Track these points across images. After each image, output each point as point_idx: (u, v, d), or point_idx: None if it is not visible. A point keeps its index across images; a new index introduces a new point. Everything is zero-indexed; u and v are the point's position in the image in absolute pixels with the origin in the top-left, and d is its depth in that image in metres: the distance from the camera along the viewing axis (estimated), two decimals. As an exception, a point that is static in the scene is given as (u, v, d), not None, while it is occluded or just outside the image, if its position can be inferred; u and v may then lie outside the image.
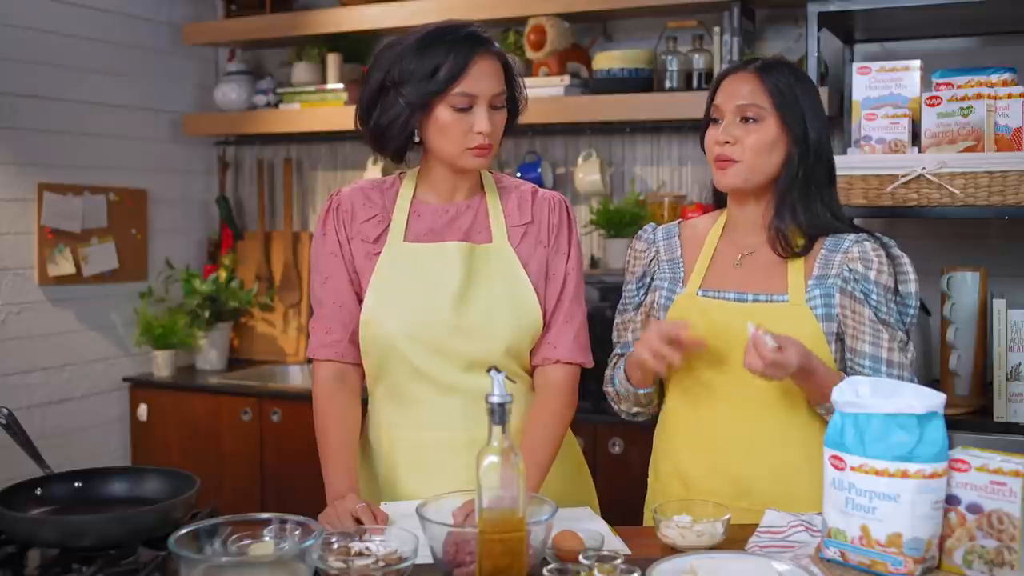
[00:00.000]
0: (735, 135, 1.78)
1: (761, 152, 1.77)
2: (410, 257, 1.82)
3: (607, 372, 1.95)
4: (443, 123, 1.74)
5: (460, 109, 1.73)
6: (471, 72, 1.72)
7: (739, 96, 1.78)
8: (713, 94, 1.84)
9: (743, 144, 1.77)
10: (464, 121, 1.74)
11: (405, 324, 1.78)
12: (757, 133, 1.77)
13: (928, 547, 1.38)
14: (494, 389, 1.34)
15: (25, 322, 3.42)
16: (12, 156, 3.37)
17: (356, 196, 1.87)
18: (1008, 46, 2.98)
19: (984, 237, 3.02)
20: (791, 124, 1.76)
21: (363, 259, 1.84)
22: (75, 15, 3.58)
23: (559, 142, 3.65)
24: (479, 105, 1.73)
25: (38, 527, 1.52)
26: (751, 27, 3.23)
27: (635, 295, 1.94)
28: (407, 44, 1.75)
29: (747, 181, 1.79)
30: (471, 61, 1.72)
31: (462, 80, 1.72)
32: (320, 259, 1.86)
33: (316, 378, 1.86)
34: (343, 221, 1.85)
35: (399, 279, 1.81)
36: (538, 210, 1.87)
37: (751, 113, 1.77)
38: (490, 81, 1.74)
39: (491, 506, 1.32)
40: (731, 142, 1.78)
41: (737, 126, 1.78)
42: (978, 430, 2.50)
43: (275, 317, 4.06)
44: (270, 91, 3.90)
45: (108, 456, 3.70)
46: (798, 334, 1.73)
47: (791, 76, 1.79)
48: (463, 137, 1.74)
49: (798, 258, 1.79)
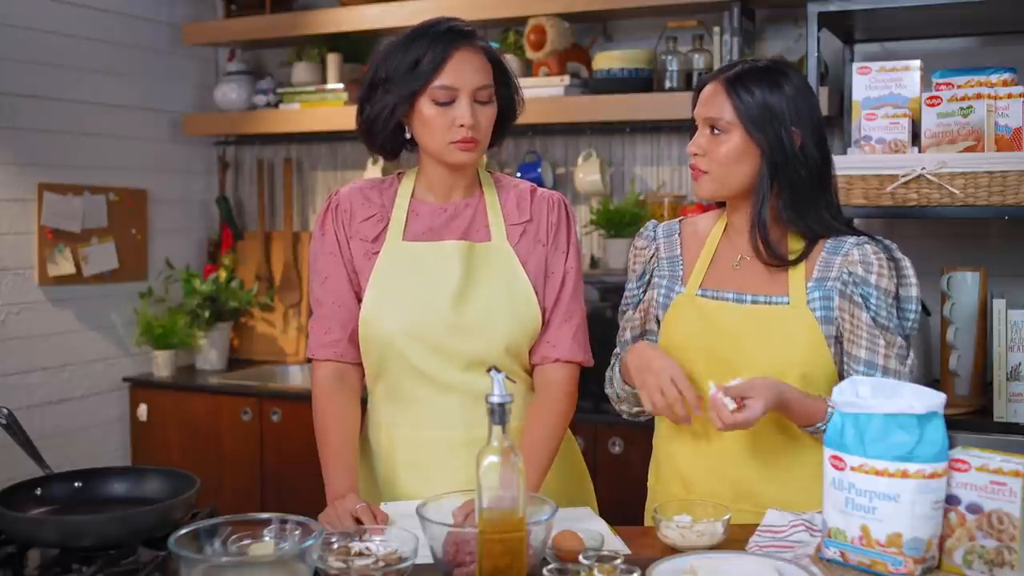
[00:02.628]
0: (703, 146, 1.77)
1: (727, 163, 1.75)
2: (409, 256, 1.82)
3: (607, 373, 1.95)
4: (426, 117, 1.75)
5: (442, 103, 1.74)
6: (450, 64, 1.73)
7: (708, 107, 1.77)
8: (694, 101, 1.83)
9: (711, 155, 1.76)
10: (447, 115, 1.75)
11: (404, 323, 1.78)
12: (724, 144, 1.75)
13: (928, 547, 1.38)
14: (494, 389, 1.34)
15: (25, 322, 3.42)
16: (12, 156, 3.37)
17: (355, 196, 1.87)
18: (1008, 46, 2.98)
19: (984, 237, 3.02)
20: (757, 137, 1.73)
21: (362, 258, 1.84)
22: (75, 15, 3.58)
23: (559, 142, 3.65)
24: (461, 98, 1.74)
25: (38, 527, 1.52)
26: (751, 27, 3.23)
27: (635, 293, 1.93)
28: (395, 41, 1.78)
29: (719, 192, 1.79)
30: (450, 54, 1.73)
31: (441, 72, 1.73)
32: (319, 259, 1.86)
33: (315, 378, 1.86)
34: (342, 221, 1.85)
35: (398, 278, 1.81)
36: (537, 209, 1.87)
37: (718, 125, 1.76)
38: (472, 74, 1.75)
39: (491, 506, 1.32)
40: (699, 153, 1.78)
41: (706, 136, 1.77)
42: (978, 430, 2.50)
43: (275, 317, 4.06)
44: (270, 91, 3.90)
45: (108, 456, 3.70)
46: (798, 337, 1.73)
47: (766, 85, 1.74)
48: (446, 131, 1.75)
49: (793, 265, 1.77)
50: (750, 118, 1.73)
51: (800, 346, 1.74)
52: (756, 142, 1.74)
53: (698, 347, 1.79)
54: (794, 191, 1.76)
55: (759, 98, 1.73)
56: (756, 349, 1.74)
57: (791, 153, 1.74)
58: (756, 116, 1.73)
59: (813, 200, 1.77)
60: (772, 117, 1.73)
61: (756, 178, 1.76)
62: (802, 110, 1.75)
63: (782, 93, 1.75)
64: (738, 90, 1.74)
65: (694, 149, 1.78)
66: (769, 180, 1.75)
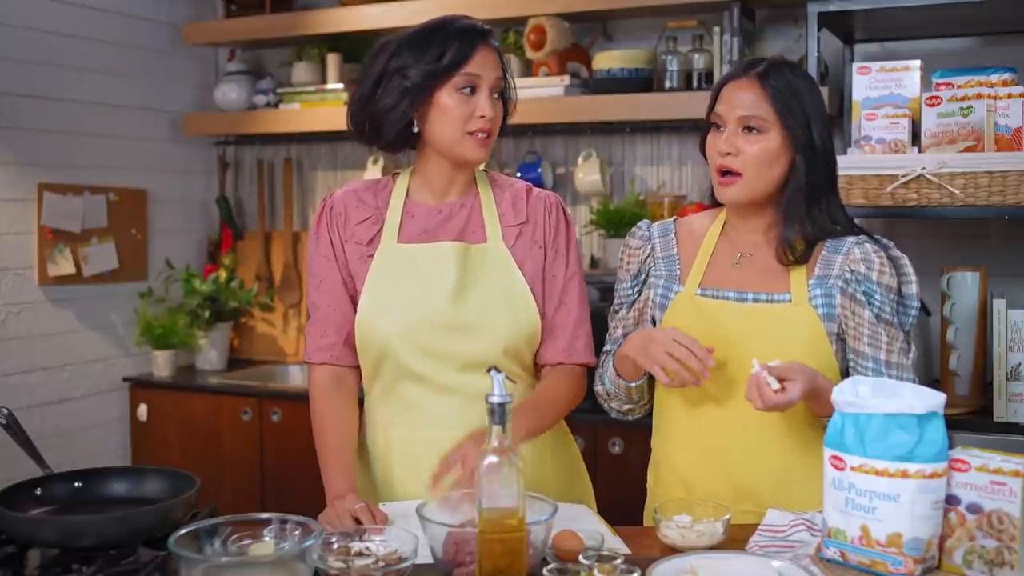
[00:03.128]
0: (737, 145, 1.73)
1: (763, 164, 1.73)
2: (404, 258, 1.82)
3: (597, 371, 1.94)
4: (445, 106, 1.76)
5: (464, 90, 1.75)
6: (476, 57, 1.76)
7: (741, 106, 1.73)
8: (715, 99, 1.78)
9: (745, 155, 1.73)
10: (467, 104, 1.76)
11: (399, 325, 1.78)
12: (760, 144, 1.72)
13: (928, 547, 1.38)
14: (494, 389, 1.34)
15: (25, 322, 3.42)
16: (12, 156, 3.37)
17: (349, 198, 1.87)
18: (1008, 46, 2.98)
19: (984, 237, 3.02)
20: (796, 132, 1.71)
21: (357, 261, 1.84)
22: (75, 15, 3.58)
23: (559, 142, 3.65)
24: (482, 89, 1.76)
25: (38, 527, 1.52)
26: (751, 27, 3.23)
27: (629, 292, 1.92)
28: (408, 34, 1.79)
29: (749, 196, 1.76)
30: (476, 48, 1.76)
31: (468, 63, 1.75)
32: (314, 263, 1.87)
33: (312, 381, 1.86)
34: (336, 224, 1.85)
35: (393, 280, 1.81)
36: (533, 209, 1.87)
37: (754, 123, 1.72)
38: (493, 69, 1.78)
39: (491, 506, 1.32)
40: (733, 153, 1.73)
41: (739, 136, 1.73)
42: (978, 430, 2.51)
43: (275, 317, 4.06)
44: (270, 91, 3.90)
45: (108, 456, 3.70)
46: (800, 334, 1.73)
47: (794, 78, 1.74)
48: (464, 121, 1.76)
49: (799, 265, 1.77)
50: (790, 114, 1.71)
51: (802, 343, 1.74)
52: (794, 139, 1.72)
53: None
54: (814, 191, 1.75)
55: (795, 93, 1.71)
56: (758, 347, 1.73)
57: (819, 151, 1.73)
58: (795, 112, 1.71)
59: (826, 200, 1.77)
60: (804, 113, 1.72)
61: (786, 179, 1.75)
62: (820, 106, 1.75)
63: (806, 91, 1.74)
64: (775, 84, 1.71)
65: (728, 148, 1.73)
66: (808, 180, 1.73)
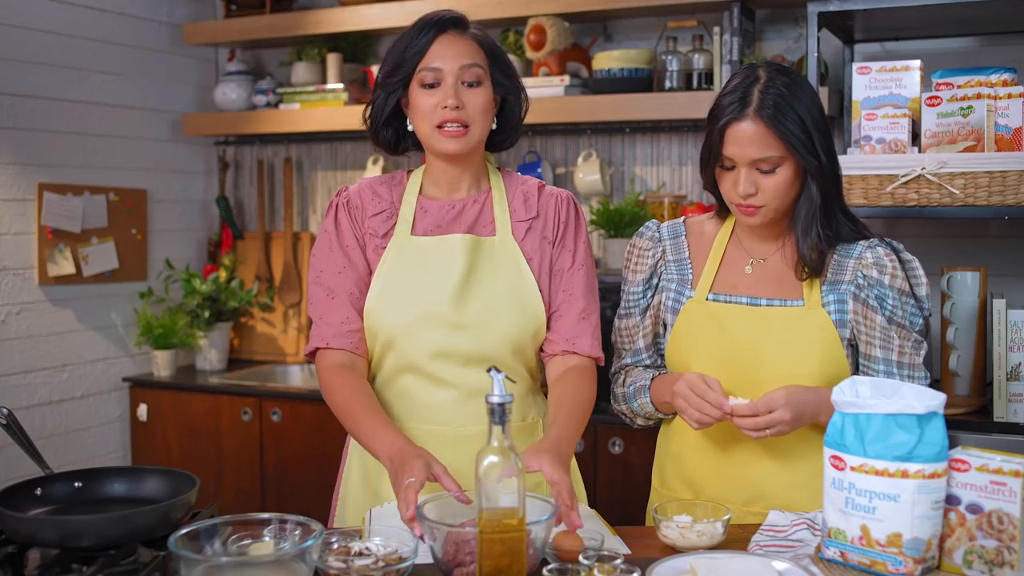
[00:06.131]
0: (755, 184, 1.72)
1: (781, 194, 1.72)
2: (415, 250, 1.82)
3: (617, 389, 1.92)
4: (414, 103, 1.79)
5: (427, 85, 1.77)
6: (435, 48, 1.77)
7: (751, 151, 1.70)
8: (720, 139, 1.73)
9: (764, 190, 1.72)
10: (432, 98, 1.77)
11: (405, 317, 1.78)
12: (776, 177, 1.71)
13: (928, 547, 1.38)
14: (494, 389, 1.34)
15: (25, 322, 3.42)
16: (12, 156, 3.37)
17: (365, 191, 1.88)
18: (1008, 46, 2.98)
19: (984, 237, 3.02)
20: (806, 158, 1.70)
21: (371, 253, 1.85)
22: (75, 15, 3.58)
23: (559, 142, 3.65)
24: (446, 79, 1.76)
25: (38, 527, 1.52)
26: (751, 27, 3.23)
27: (641, 297, 1.90)
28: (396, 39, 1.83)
29: (772, 220, 1.77)
30: (434, 38, 1.77)
31: (426, 56, 1.77)
32: (333, 251, 1.84)
33: (324, 364, 1.80)
34: (355, 216, 1.86)
35: (403, 272, 1.81)
36: (544, 205, 1.87)
37: (767, 165, 1.71)
38: (457, 56, 1.77)
39: (491, 506, 1.32)
40: (753, 192, 1.72)
41: (755, 174, 1.72)
42: (978, 430, 2.50)
43: (275, 317, 4.06)
44: (270, 91, 3.90)
45: (108, 456, 3.70)
46: (813, 338, 1.73)
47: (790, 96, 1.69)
48: (432, 114, 1.77)
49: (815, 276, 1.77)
50: (800, 143, 1.69)
51: (816, 348, 1.73)
52: (806, 165, 1.71)
53: (711, 352, 1.78)
54: (826, 203, 1.75)
55: (800, 121, 1.69)
56: (771, 352, 1.74)
57: (826, 166, 1.72)
58: (805, 141, 1.70)
59: (836, 208, 1.76)
60: (809, 135, 1.70)
61: (798, 196, 1.74)
62: (818, 114, 1.73)
63: (805, 106, 1.71)
64: (783, 122, 1.68)
65: (748, 190, 1.72)
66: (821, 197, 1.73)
